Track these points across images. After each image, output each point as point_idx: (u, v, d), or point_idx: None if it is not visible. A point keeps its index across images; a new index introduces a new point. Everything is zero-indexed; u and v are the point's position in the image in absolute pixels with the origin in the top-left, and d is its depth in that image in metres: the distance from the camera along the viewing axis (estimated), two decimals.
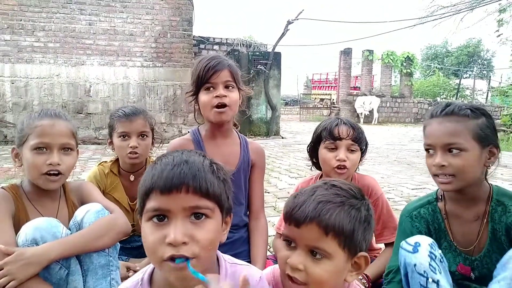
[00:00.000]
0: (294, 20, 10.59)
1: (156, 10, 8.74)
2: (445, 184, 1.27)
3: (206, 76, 1.48)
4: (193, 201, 0.76)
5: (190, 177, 0.76)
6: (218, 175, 0.82)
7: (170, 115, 9.09)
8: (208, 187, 0.77)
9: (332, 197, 0.87)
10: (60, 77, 8.35)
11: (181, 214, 0.76)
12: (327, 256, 0.84)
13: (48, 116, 1.38)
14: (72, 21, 8.29)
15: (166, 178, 0.76)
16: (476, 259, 1.33)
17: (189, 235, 0.75)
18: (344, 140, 1.58)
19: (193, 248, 0.75)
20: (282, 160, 6.52)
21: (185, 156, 0.81)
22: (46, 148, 1.34)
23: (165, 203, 0.76)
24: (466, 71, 32.52)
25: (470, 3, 12.00)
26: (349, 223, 0.85)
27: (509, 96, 13.39)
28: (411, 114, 19.52)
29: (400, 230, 1.45)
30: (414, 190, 4.22)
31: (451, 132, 1.24)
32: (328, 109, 20.06)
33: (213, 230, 0.79)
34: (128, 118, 1.84)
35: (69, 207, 1.47)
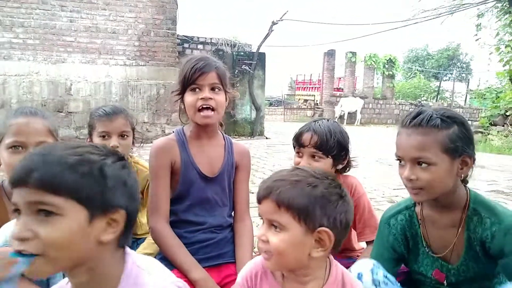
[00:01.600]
0: (278, 21, 10.62)
1: (139, 8, 8.63)
2: (415, 195, 1.26)
3: (192, 77, 1.46)
4: (35, 195, 0.71)
5: (31, 170, 0.72)
6: (77, 169, 0.74)
7: (153, 114, 8.98)
8: (52, 181, 0.72)
9: (289, 176, 0.96)
10: (39, 75, 8.15)
11: (27, 208, 0.72)
12: (283, 228, 0.93)
13: (24, 114, 1.34)
14: (53, 17, 8.10)
15: (15, 170, 0.74)
16: (453, 268, 1.32)
17: (31, 229, 0.71)
18: (307, 147, 1.55)
19: (36, 245, 0.71)
20: (267, 160, 6.54)
21: (45, 149, 0.77)
22: (22, 146, 1.30)
23: (15, 197, 0.74)
24: (446, 74, 33.26)
25: (450, 8, 12.30)
26: (301, 198, 0.92)
27: (486, 98, 13.76)
28: (393, 116, 19.85)
29: (379, 236, 1.44)
30: (395, 190, 4.29)
31: (419, 146, 1.19)
32: (312, 110, 20.21)
33: (62, 229, 0.72)
34: (109, 118, 1.81)
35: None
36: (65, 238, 0.73)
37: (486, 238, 1.23)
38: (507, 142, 9.63)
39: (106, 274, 0.82)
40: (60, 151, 0.76)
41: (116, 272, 0.83)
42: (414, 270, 1.42)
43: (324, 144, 1.53)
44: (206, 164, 1.57)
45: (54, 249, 0.72)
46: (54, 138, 1.40)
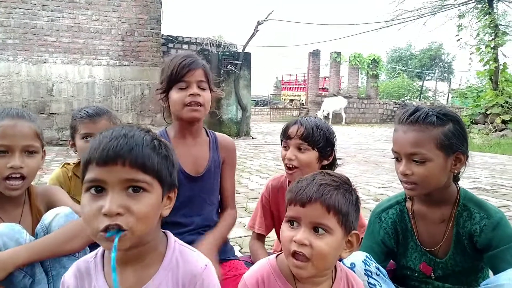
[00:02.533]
0: (263, 21, 10.63)
1: (123, 7, 8.52)
2: (409, 190, 1.29)
3: (180, 74, 1.45)
4: (129, 174, 0.78)
5: (126, 150, 0.78)
6: (159, 151, 0.83)
7: (138, 115, 8.88)
8: (145, 161, 0.79)
9: (330, 181, 0.99)
10: (20, 75, 7.96)
11: (118, 186, 0.77)
12: (329, 231, 0.95)
13: (10, 116, 1.29)
14: (33, 17, 7.92)
15: (102, 150, 0.77)
16: (441, 262, 1.36)
17: (124, 206, 0.77)
18: (293, 139, 1.57)
19: (128, 219, 0.77)
20: (253, 160, 6.53)
21: (125, 130, 0.82)
22: (7, 151, 1.26)
23: (101, 175, 0.77)
24: (428, 73, 33.87)
25: (432, 8, 12.52)
26: (345, 203, 0.96)
27: (468, 97, 14.06)
28: (377, 115, 20.10)
29: (369, 231, 1.46)
30: (380, 189, 4.34)
31: (414, 142, 1.23)
32: (298, 110, 20.30)
33: (150, 204, 0.80)
34: (91, 119, 1.78)
35: (33, 214, 1.39)
36: (151, 213, 0.81)
37: (475, 232, 1.27)
38: (488, 140, 9.85)
39: (155, 246, 0.88)
40: (142, 134, 0.83)
41: (161, 245, 0.90)
42: (402, 264, 1.44)
43: (310, 135, 1.55)
44: (191, 164, 1.55)
45: (141, 223, 0.79)
46: (41, 141, 1.36)
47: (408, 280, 1.45)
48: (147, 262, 0.87)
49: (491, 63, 11.29)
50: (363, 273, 1.21)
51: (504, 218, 1.26)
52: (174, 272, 0.87)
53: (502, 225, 1.24)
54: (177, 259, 0.89)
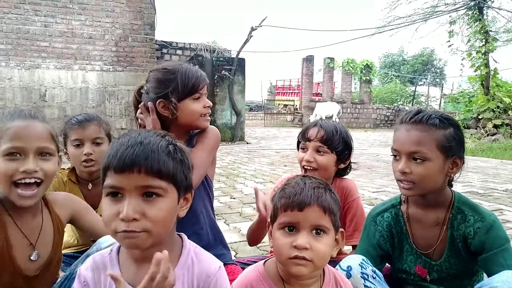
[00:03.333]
0: (257, 26, 10.68)
1: (116, 13, 8.51)
2: (406, 190, 1.30)
3: (199, 87, 1.54)
4: (145, 180, 0.81)
5: (142, 158, 0.80)
6: (174, 156, 0.86)
7: (131, 120, 8.82)
8: (161, 168, 0.82)
9: (319, 184, 1.03)
10: (12, 81, 7.90)
11: (134, 192, 0.81)
12: (326, 232, 0.99)
13: (21, 117, 1.18)
14: (26, 22, 7.88)
15: (119, 158, 0.81)
16: (436, 264, 1.37)
17: (140, 212, 0.80)
18: (312, 141, 1.59)
19: (144, 224, 0.81)
20: (248, 165, 6.52)
21: (142, 137, 0.84)
22: (20, 153, 1.14)
23: (119, 182, 0.81)
24: (421, 78, 34.17)
25: (423, 15, 12.67)
26: (334, 203, 1.01)
27: (460, 102, 14.20)
28: (371, 120, 20.22)
29: (364, 233, 1.48)
30: (375, 193, 4.36)
31: (416, 141, 1.26)
32: (292, 115, 20.36)
33: (165, 209, 0.84)
34: (81, 125, 1.80)
35: (55, 224, 1.28)
36: (166, 216, 0.85)
37: (469, 235, 1.29)
38: (480, 145, 9.95)
39: (171, 246, 0.91)
40: (158, 140, 0.85)
41: (177, 246, 0.94)
42: (397, 268, 1.45)
43: (330, 138, 1.58)
44: None
45: (157, 226, 0.83)
46: (56, 144, 1.25)
47: (404, 284, 1.46)
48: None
49: (482, 69, 11.43)
50: (360, 276, 1.22)
51: (497, 221, 1.28)
52: (189, 272, 0.91)
53: (495, 228, 1.26)
54: (192, 259, 0.93)
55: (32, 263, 1.21)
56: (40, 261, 1.23)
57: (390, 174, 6.28)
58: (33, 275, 1.21)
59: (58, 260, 1.32)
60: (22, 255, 1.19)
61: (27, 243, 1.21)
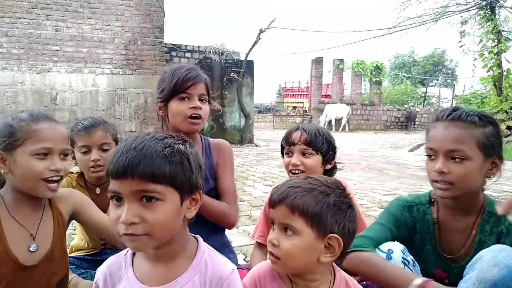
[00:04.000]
0: (266, 28, 10.67)
1: (126, 16, 8.59)
2: (443, 191, 1.23)
3: (184, 86, 1.47)
4: (139, 185, 0.82)
5: (135, 164, 0.81)
6: (172, 159, 0.85)
7: (141, 123, 8.89)
8: (154, 172, 0.82)
9: (303, 184, 1.00)
10: (24, 85, 8.02)
11: (131, 197, 0.83)
12: (296, 232, 0.96)
13: (45, 119, 1.29)
14: (38, 26, 8.00)
15: (114, 164, 0.83)
16: (456, 267, 1.32)
17: (139, 215, 0.82)
18: (297, 145, 1.59)
19: (143, 227, 0.82)
20: (257, 168, 6.50)
21: (137, 142, 0.85)
22: (48, 153, 1.25)
23: (117, 187, 0.84)
24: (432, 79, 33.82)
25: (434, 15, 12.54)
26: (315, 205, 0.95)
27: (472, 104, 13.99)
28: (381, 122, 20.05)
29: (388, 212, 1.40)
30: (385, 196, 4.29)
31: (456, 138, 1.19)
32: (301, 117, 20.31)
33: (164, 212, 0.84)
34: (87, 131, 1.78)
35: (55, 217, 1.35)
36: (166, 219, 0.85)
37: (502, 233, 1.26)
38: None
39: (183, 247, 0.94)
40: (153, 144, 0.85)
41: (191, 247, 0.95)
42: None
43: (314, 140, 1.58)
44: None
45: (158, 229, 0.84)
46: (69, 145, 1.38)
47: None
48: (177, 262, 0.92)
49: (495, 69, 11.25)
50: (401, 260, 1.18)
51: None
52: (202, 273, 0.92)
53: None
54: (206, 261, 0.94)
55: (31, 254, 1.26)
56: (40, 252, 1.28)
57: (401, 176, 6.20)
58: (32, 265, 1.26)
59: (62, 253, 1.37)
60: (19, 246, 1.24)
61: (25, 235, 1.26)
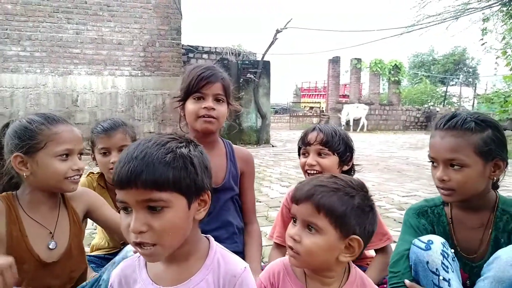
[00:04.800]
0: (282, 29, 10.64)
1: (144, 19, 8.71)
2: (446, 196, 1.28)
3: (197, 86, 1.46)
4: (144, 195, 0.81)
5: (138, 174, 0.81)
6: (175, 165, 0.83)
7: (159, 124, 9.00)
8: (157, 180, 0.81)
9: (329, 183, 1.00)
10: (46, 87, 8.23)
11: (137, 206, 0.82)
12: (319, 231, 0.98)
13: (63, 122, 1.38)
14: (59, 30, 8.20)
15: (118, 175, 0.83)
16: (476, 266, 1.32)
17: (147, 224, 0.82)
18: (313, 145, 1.58)
19: (152, 235, 0.82)
20: (273, 168, 6.49)
21: (138, 150, 0.84)
22: (69, 154, 1.34)
23: (122, 197, 0.84)
24: (452, 78, 33.08)
25: (455, 12, 12.26)
26: (340, 206, 0.97)
27: (494, 103, 13.60)
28: (400, 122, 19.73)
29: (406, 225, 1.42)
30: (404, 198, 4.22)
31: (452, 148, 1.22)
32: (318, 117, 20.18)
33: (172, 219, 0.83)
34: (107, 134, 1.81)
35: (70, 216, 1.42)
36: (175, 226, 0.85)
37: None
38: None
39: (196, 248, 0.94)
40: (155, 151, 0.83)
41: (203, 247, 0.96)
42: None
43: (330, 140, 1.57)
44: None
45: (167, 236, 0.84)
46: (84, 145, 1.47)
47: None
48: (190, 262, 0.93)
49: None
50: (440, 252, 1.18)
51: None
52: (215, 272, 0.93)
53: None
54: (218, 260, 0.95)
55: (51, 251, 1.33)
56: (59, 250, 1.35)
57: (421, 177, 6.09)
58: (52, 262, 1.32)
59: (80, 250, 1.43)
60: (39, 244, 1.31)
61: (45, 233, 1.33)
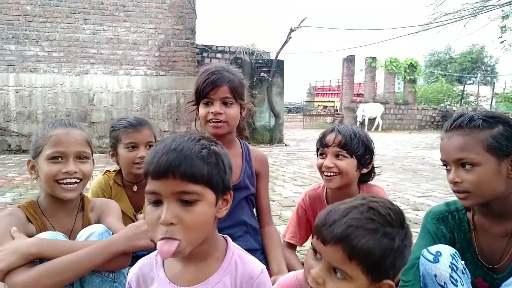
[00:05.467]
0: (296, 27, 10.61)
1: (159, 19, 8.79)
2: (462, 200, 1.22)
3: (204, 91, 1.48)
4: (180, 186, 0.83)
5: (176, 165, 0.83)
6: (209, 160, 0.87)
7: (174, 123, 9.08)
8: (194, 173, 0.84)
9: (365, 222, 0.83)
10: (64, 86, 8.39)
11: (171, 197, 0.83)
12: (347, 278, 0.83)
13: (62, 125, 1.36)
14: (76, 30, 8.35)
15: (155, 165, 0.84)
16: (497, 278, 1.26)
17: (177, 216, 0.82)
18: (331, 147, 1.56)
19: (181, 229, 0.83)
20: (287, 168, 6.48)
21: (176, 143, 0.86)
22: (62, 157, 1.32)
23: (157, 188, 0.84)
24: (469, 77, 32.44)
25: (473, 10, 12.01)
26: (377, 252, 0.81)
27: None
28: (415, 121, 19.44)
29: (424, 231, 1.37)
30: (420, 198, 4.17)
31: (459, 147, 1.19)
32: (332, 116, 20.04)
33: (202, 214, 0.85)
34: (136, 129, 1.82)
35: (84, 225, 1.43)
36: (203, 221, 0.86)
37: None
38: None
39: (214, 248, 0.95)
40: (191, 145, 0.86)
41: (221, 247, 0.96)
42: None
43: (349, 142, 1.54)
44: None
45: (194, 231, 0.85)
46: (91, 148, 1.43)
47: None
48: (208, 262, 0.93)
49: None
50: (448, 265, 1.14)
51: None
52: (232, 273, 0.93)
53: None
54: (236, 261, 0.94)
55: None
56: None
57: (437, 178, 5.99)
58: None
59: None
60: None
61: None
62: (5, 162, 6.78)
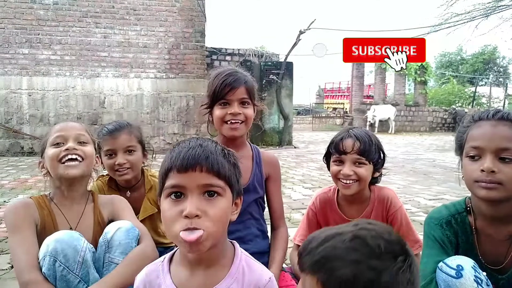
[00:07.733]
0: (306, 29, 10.59)
1: (169, 22, 8.86)
2: (489, 190, 1.16)
3: (222, 93, 1.48)
4: (206, 179, 0.86)
5: (203, 158, 0.87)
6: (229, 159, 0.92)
7: (183, 126, 9.13)
8: (219, 168, 0.88)
9: (345, 252, 0.70)
10: (75, 89, 8.50)
11: (196, 190, 0.86)
12: None
13: (63, 121, 1.55)
14: (88, 34, 8.46)
15: (183, 158, 0.87)
16: (502, 279, 1.25)
17: (202, 209, 0.85)
18: (349, 154, 1.52)
19: (205, 222, 0.85)
20: (296, 170, 6.46)
21: (200, 141, 0.92)
22: (63, 142, 1.43)
23: (182, 181, 0.86)
24: (481, 78, 32.02)
25: (484, 10, 11.85)
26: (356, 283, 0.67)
27: None
28: (426, 123, 19.24)
29: (430, 239, 1.34)
30: (431, 201, 4.12)
31: (507, 137, 1.15)
32: (341, 118, 19.95)
33: (223, 208, 0.88)
34: (111, 135, 1.79)
35: (95, 216, 1.50)
36: (224, 216, 0.89)
37: None
38: None
39: (223, 252, 0.95)
40: (211, 145, 0.91)
41: (229, 253, 0.97)
42: None
43: (368, 149, 1.52)
44: None
45: (216, 225, 0.87)
46: (90, 136, 1.52)
47: None
48: (216, 268, 0.93)
49: None
50: (473, 279, 1.10)
51: None
52: (239, 280, 0.92)
53: None
54: (243, 268, 0.94)
55: None
56: None
57: (448, 180, 5.90)
58: None
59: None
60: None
61: (67, 226, 1.44)
62: (18, 164, 6.88)
